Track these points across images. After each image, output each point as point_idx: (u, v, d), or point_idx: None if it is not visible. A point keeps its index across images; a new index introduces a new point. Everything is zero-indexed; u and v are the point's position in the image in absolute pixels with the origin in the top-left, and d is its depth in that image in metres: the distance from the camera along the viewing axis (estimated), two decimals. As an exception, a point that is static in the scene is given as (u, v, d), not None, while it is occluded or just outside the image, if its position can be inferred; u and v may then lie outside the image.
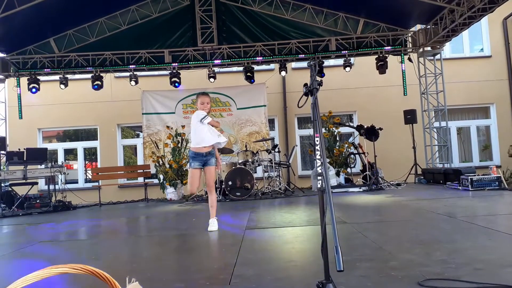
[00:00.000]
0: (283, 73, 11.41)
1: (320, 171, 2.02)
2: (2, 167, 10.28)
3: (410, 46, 11.42)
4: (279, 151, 10.09)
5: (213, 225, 4.90)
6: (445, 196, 7.23)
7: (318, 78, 2.08)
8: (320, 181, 2.06)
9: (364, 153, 10.36)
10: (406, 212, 5.74)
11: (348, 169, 10.80)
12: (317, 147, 2.02)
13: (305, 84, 2.11)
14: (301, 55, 11.22)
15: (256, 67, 11.63)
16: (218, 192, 9.27)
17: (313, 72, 2.10)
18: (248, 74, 11.24)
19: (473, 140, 13.82)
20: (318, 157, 2.01)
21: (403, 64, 11.28)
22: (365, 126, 9.97)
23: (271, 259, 3.30)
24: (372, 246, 3.57)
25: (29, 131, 13.43)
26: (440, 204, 6.19)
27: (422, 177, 10.63)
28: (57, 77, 11.58)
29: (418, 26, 11.35)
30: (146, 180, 11.04)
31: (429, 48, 11.25)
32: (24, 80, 11.43)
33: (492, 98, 13.49)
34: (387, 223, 4.94)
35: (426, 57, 11.34)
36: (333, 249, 1.88)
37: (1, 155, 10.47)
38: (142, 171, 11.30)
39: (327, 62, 12.10)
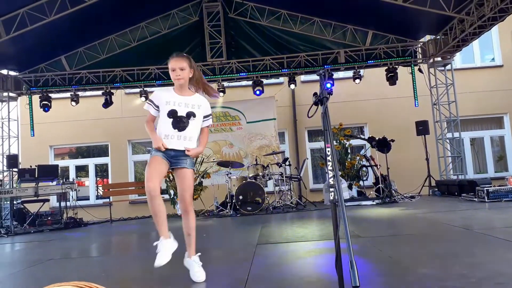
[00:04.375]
0: (292, 86, 11.39)
1: (332, 182, 1.95)
2: (14, 185, 10.35)
3: (420, 57, 11.35)
4: (289, 165, 10.00)
5: (196, 268, 3.24)
6: (461, 208, 7.06)
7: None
8: (332, 193, 1.98)
9: (376, 165, 10.22)
10: (421, 225, 5.60)
11: (361, 182, 10.65)
12: (329, 158, 1.96)
13: (315, 93, 2.06)
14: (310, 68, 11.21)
15: (265, 81, 11.63)
16: (229, 206, 9.18)
17: (322, 81, 2.05)
18: (257, 87, 11.24)
19: (487, 150, 13.59)
20: (330, 168, 1.94)
21: (413, 75, 11.20)
22: (377, 138, 9.86)
23: (284, 275, 3.21)
24: (388, 260, 3.46)
25: (41, 148, 13.54)
26: (456, 216, 6.04)
27: (436, 189, 10.44)
28: (68, 94, 11.71)
29: (428, 37, 11.30)
30: (157, 196, 10.96)
31: (439, 59, 11.17)
32: (36, 98, 11.58)
33: (505, 107, 13.30)
34: (402, 237, 4.81)
35: (437, 68, 11.25)
36: (348, 264, 1.80)
37: (14, 172, 10.56)
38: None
39: (336, 75, 12.06)
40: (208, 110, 3.31)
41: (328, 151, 1.95)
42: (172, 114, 3.11)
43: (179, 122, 3.11)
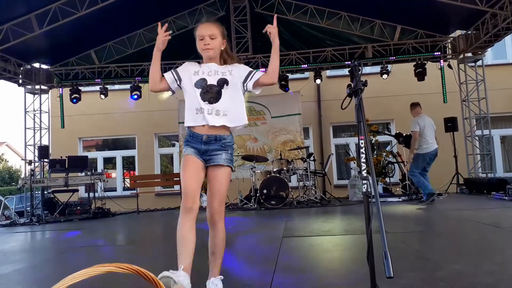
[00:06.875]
0: (318, 81, 11.32)
1: (365, 174, 1.95)
2: (45, 175, 10.65)
3: (450, 52, 11.10)
4: (314, 160, 9.96)
5: None
6: (490, 206, 6.92)
7: (363, 78, 2.02)
8: (365, 185, 1.99)
9: (403, 162, 10.08)
10: (449, 222, 5.52)
11: (387, 179, 10.52)
12: (362, 150, 1.96)
13: (349, 85, 2.06)
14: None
15: (290, 76, 11.60)
16: (253, 200, 9.23)
17: (357, 72, 2.05)
18: (283, 82, 11.22)
19: (518, 149, 13.24)
20: (363, 160, 1.94)
21: (442, 71, 10.97)
22: (404, 134, 9.72)
23: (311, 268, 3.23)
24: (416, 255, 3.43)
25: (71, 140, 13.90)
26: (486, 214, 5.93)
27: (464, 187, 10.22)
28: (97, 87, 11.96)
29: (458, 32, 11.03)
30: (182, 188, 11.12)
31: (470, 54, 10.90)
32: (66, 91, 11.88)
33: (539, 105, 12.90)
34: (429, 233, 4.76)
35: (467, 64, 10.98)
36: (382, 255, 1.81)
37: (45, 163, 10.87)
38: (178, 179, 11.43)
39: (363, 70, 11.91)
40: (245, 70, 2.57)
41: (362, 143, 1.95)
42: (201, 83, 2.49)
43: (209, 91, 2.45)
